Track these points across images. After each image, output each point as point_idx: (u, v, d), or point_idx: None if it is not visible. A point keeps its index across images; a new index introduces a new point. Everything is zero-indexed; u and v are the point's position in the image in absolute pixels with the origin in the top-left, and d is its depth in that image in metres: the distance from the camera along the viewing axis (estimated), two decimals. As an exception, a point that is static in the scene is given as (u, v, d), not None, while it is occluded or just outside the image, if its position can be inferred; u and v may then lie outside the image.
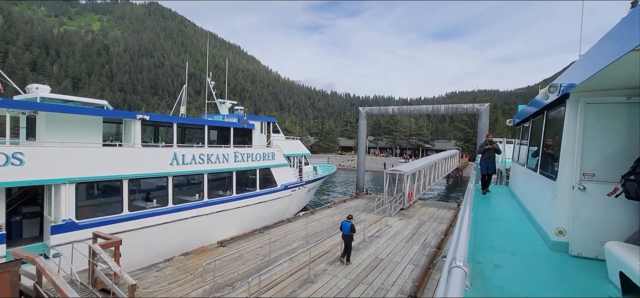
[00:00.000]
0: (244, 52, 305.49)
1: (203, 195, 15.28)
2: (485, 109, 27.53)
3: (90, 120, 12.18)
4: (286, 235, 16.10)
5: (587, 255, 4.36)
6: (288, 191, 20.57)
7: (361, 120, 32.92)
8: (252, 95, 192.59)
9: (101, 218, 11.54)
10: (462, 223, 2.78)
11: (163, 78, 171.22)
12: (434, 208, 23.52)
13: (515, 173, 9.68)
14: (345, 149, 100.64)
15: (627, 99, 4.17)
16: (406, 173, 22.46)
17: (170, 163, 13.78)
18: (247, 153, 17.70)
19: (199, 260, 12.84)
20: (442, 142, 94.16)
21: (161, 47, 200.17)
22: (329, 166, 32.16)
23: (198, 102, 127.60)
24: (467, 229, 2.57)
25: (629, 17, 2.73)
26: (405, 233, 16.53)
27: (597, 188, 4.31)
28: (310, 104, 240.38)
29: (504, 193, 9.56)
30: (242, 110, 21.28)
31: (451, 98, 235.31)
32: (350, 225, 12.06)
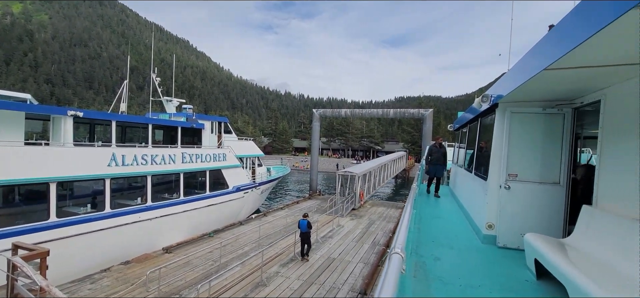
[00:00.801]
0: (193, 48, 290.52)
1: (146, 199, 14.26)
2: (429, 114, 29.54)
3: (9, 115, 10.69)
4: (237, 238, 15.70)
5: (511, 246, 4.95)
6: (240, 193, 20.05)
7: (315, 122, 33.29)
8: (201, 93, 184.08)
9: (22, 227, 10.20)
10: (403, 219, 3.06)
11: (100, 71, 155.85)
12: (383, 207, 24.61)
13: (455, 174, 10.57)
14: (298, 150, 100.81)
15: (543, 110, 4.84)
16: (357, 174, 23.22)
17: (108, 164, 12.64)
18: (196, 154, 16.90)
19: (141, 268, 11.98)
20: (391, 144, 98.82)
21: (98, 36, 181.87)
22: (282, 167, 32.00)
23: (141, 99, 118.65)
24: (407, 224, 2.89)
25: (543, 39, 3.18)
26: (356, 233, 17.07)
27: (520, 187, 4.92)
28: (263, 104, 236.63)
29: (445, 193, 10.37)
30: (191, 109, 20.25)
31: (400, 102, 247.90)
32: (306, 222, 12.54)
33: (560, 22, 2.59)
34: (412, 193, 5.16)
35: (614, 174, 3.45)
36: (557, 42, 2.61)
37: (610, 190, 3.47)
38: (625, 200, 3.16)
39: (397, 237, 2.42)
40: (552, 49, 2.71)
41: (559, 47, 2.51)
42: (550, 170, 4.83)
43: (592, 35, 1.96)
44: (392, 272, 1.72)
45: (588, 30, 2.01)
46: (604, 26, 1.83)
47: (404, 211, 3.67)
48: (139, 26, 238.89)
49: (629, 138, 3.14)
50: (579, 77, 3.39)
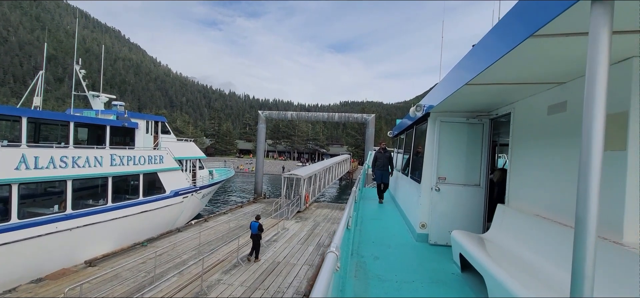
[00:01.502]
0: (126, 39, 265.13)
1: (65, 206, 12.59)
2: (372, 119, 31.02)
3: None
4: (175, 246, 14.71)
5: (441, 242, 5.44)
6: (179, 198, 18.79)
7: (260, 124, 32.74)
8: (135, 89, 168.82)
9: None
10: (341, 220, 3.21)
11: (6, 57, 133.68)
12: (328, 209, 25.11)
13: (395, 178, 11.24)
14: (243, 151, 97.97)
15: (466, 120, 5.42)
16: (303, 176, 23.38)
17: (16, 167, 10.90)
18: (127, 156, 15.42)
19: (57, 285, 10.60)
20: (335, 147, 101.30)
21: (4, 16, 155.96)
22: (226, 170, 30.81)
23: (60, 92, 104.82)
24: (344, 225, 3.06)
25: (466, 57, 3.57)
26: (301, 235, 17.15)
27: (448, 189, 5.43)
28: (206, 104, 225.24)
29: (386, 197, 10.96)
30: (122, 106, 18.42)
31: (344, 106, 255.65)
32: (258, 224, 12.77)
33: (479, 43, 2.94)
34: (353, 196, 5.40)
35: (520, 176, 4.01)
36: (476, 60, 2.95)
37: (518, 191, 4.03)
38: (528, 198, 3.70)
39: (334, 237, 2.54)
40: (472, 66, 3.05)
41: (477, 65, 2.84)
42: (473, 173, 5.42)
43: (503, 56, 2.26)
44: (326, 269, 1.80)
45: (499, 51, 2.32)
46: (512, 48, 2.12)
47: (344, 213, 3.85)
48: (58, 10, 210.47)
49: (532, 145, 3.70)
50: (494, 92, 3.88)
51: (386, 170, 9.53)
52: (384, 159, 9.54)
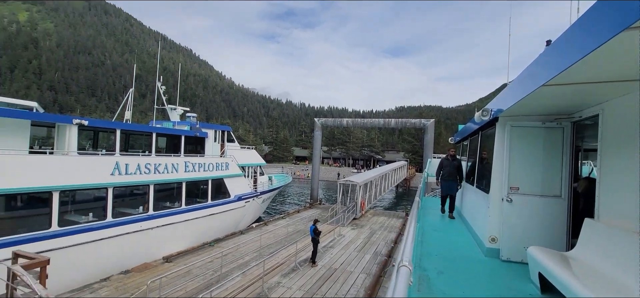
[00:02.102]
0: (196, 56, 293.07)
1: (148, 208, 14.26)
2: (431, 124, 29.64)
3: (15, 123, 10.78)
4: (238, 248, 15.65)
5: (515, 259, 4.95)
6: (242, 202, 20.02)
7: (316, 131, 33.40)
8: (203, 101, 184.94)
9: (24, 236, 10.19)
10: (409, 232, 3.09)
11: (103, 78, 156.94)
12: (384, 217, 24.53)
13: None
14: (299, 158, 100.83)
15: (542, 124, 4.89)
16: (359, 183, 23.21)
17: (111, 173, 12.69)
18: (198, 163, 16.94)
19: (141, 278, 11.95)
20: (391, 154, 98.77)
21: (102, 44, 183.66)
22: (284, 176, 31.98)
23: (142, 106, 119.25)
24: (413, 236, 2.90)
25: (542, 56, 3.24)
26: (357, 243, 17.00)
27: (521, 200, 4.94)
28: (265, 113, 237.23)
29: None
30: (195, 117, 20.36)
31: (400, 112, 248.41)
32: (314, 227, 13.13)
33: (558, 39, 2.65)
34: (415, 206, 5.18)
35: (613, 187, 3.48)
36: (555, 58, 2.67)
37: (611, 203, 3.50)
38: (625, 213, 3.19)
39: (403, 250, 2.44)
40: (550, 65, 2.77)
41: (557, 64, 2.57)
42: (552, 183, 4.85)
43: (590, 53, 2.02)
44: (400, 285, 1.74)
45: (585, 47, 2.07)
46: (602, 44, 1.88)
47: (408, 223, 3.71)
48: (142, 35, 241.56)
49: (628, 152, 3.18)
50: (577, 92, 3.45)
51: (454, 180, 8.22)
52: (452, 168, 8.24)
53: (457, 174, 8.22)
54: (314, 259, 13.47)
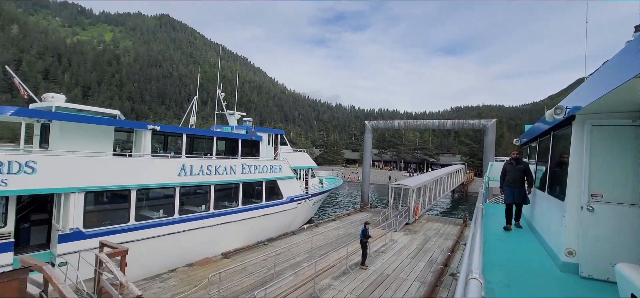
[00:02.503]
0: (251, 64, 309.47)
1: (209, 206, 15.33)
2: (492, 125, 27.49)
3: (102, 129, 12.40)
4: (290, 248, 16.04)
5: (598, 277, 4.32)
6: (294, 203, 20.56)
7: (367, 134, 33.01)
8: (257, 107, 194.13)
9: (108, 228, 11.62)
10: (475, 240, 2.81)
11: (171, 88, 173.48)
12: (439, 223, 23.30)
13: None
14: (349, 161, 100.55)
15: (633, 122, 4.20)
16: (412, 187, 22.37)
17: (178, 173, 13.91)
18: (254, 165, 17.79)
19: (203, 271, 12.82)
20: (447, 157, 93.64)
21: (170, 57, 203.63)
22: (334, 179, 32.11)
23: (204, 113, 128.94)
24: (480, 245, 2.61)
25: (633, 42, 2.79)
26: (411, 249, 16.37)
27: (606, 209, 4.30)
28: (315, 116, 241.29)
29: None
30: (250, 121, 21.49)
31: (456, 112, 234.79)
32: (363, 229, 13.30)
33: None
34: (479, 212, 4.74)
35: None
36: None
37: None
38: None
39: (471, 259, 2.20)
40: None
41: None
42: None
43: None
44: None
45: None
46: None
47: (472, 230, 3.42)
48: (204, 47, 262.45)
49: None
50: None
51: (520, 186, 7.14)
52: (517, 173, 7.20)
53: (523, 179, 7.20)
54: (364, 262, 13.39)
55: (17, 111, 10.52)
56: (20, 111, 10.58)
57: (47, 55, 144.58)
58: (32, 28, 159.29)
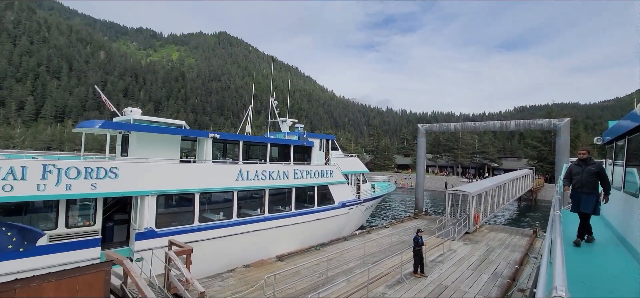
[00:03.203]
0: (301, 73, 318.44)
1: (264, 210, 15.95)
2: (565, 125, 24.58)
3: (170, 138, 13.66)
4: (342, 253, 15.94)
5: None
6: (345, 209, 20.46)
7: (420, 138, 31.71)
8: (308, 114, 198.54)
9: (176, 228, 12.68)
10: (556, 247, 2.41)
11: (229, 99, 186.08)
12: (504, 233, 21.35)
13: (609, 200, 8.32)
14: (401, 166, 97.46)
15: None
16: (471, 193, 20.87)
17: (236, 178, 14.72)
18: (306, 170, 18.13)
19: (258, 272, 13.30)
20: (510, 161, 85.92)
21: (228, 71, 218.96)
22: (387, 184, 31.35)
23: (258, 121, 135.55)
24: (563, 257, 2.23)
25: None
26: (471, 260, 15.22)
27: None
28: (365, 122, 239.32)
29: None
30: (302, 128, 22.02)
31: (521, 113, 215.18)
32: (414, 237, 12.93)
33: None
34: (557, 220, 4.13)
35: None
36: None
37: None
38: None
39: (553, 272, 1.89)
40: None
41: None
42: None
43: None
44: None
45: None
46: None
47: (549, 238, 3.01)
48: (258, 59, 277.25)
49: None
50: None
51: (589, 193, 5.87)
52: (586, 175, 5.95)
53: (594, 183, 5.93)
54: (416, 269, 12.95)
55: (103, 124, 12.06)
56: (106, 124, 12.11)
57: (126, 76, 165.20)
58: (114, 53, 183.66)
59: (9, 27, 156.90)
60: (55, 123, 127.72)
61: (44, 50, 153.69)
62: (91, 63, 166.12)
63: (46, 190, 9.57)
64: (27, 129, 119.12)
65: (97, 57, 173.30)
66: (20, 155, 12.55)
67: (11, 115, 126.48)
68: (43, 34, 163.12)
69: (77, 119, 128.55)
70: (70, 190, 9.99)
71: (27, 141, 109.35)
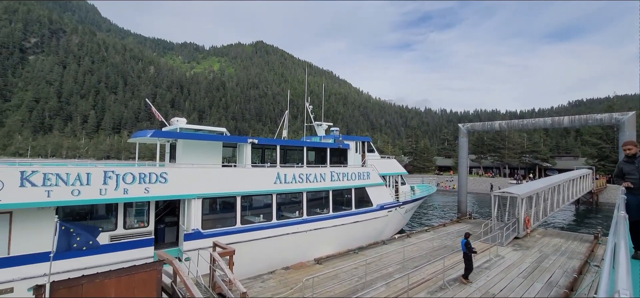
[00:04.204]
0: (336, 77, 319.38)
1: (302, 213, 16.18)
2: (630, 119, 22.13)
3: (213, 145, 14.42)
4: (381, 258, 15.66)
5: None
6: (384, 211, 20.10)
7: (461, 138, 30.28)
8: (343, 117, 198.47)
9: (219, 230, 13.29)
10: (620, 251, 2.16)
11: (266, 106, 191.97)
12: (560, 239, 19.65)
13: None
14: (442, 168, 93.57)
15: None
16: (520, 195, 19.49)
17: (274, 182, 15.12)
18: (342, 173, 18.12)
19: (298, 275, 13.49)
20: (566, 160, 78.96)
21: (265, 79, 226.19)
22: (427, 186, 30.30)
23: (294, 126, 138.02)
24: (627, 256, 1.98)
25: None
26: (522, 267, 14.19)
27: None
28: (402, 123, 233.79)
29: None
30: (337, 130, 22.06)
31: (576, 108, 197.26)
32: (464, 241, 12.37)
33: None
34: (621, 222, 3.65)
35: None
36: None
37: None
38: None
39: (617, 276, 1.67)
40: None
41: None
42: None
43: None
44: None
45: None
46: None
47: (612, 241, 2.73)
48: (293, 66, 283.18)
49: None
50: None
51: None
52: None
53: None
54: (466, 275, 12.35)
55: (154, 133, 13.03)
56: (156, 133, 13.08)
57: (173, 88, 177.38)
58: (163, 67, 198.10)
59: (75, 50, 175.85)
60: (113, 134, 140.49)
61: (103, 69, 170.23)
62: (143, 77, 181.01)
63: (107, 194, 10.54)
64: (90, 140, 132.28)
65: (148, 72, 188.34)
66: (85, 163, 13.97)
67: (77, 128, 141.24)
68: (102, 54, 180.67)
69: (132, 129, 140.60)
70: (127, 194, 10.91)
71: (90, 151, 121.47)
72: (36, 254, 9.39)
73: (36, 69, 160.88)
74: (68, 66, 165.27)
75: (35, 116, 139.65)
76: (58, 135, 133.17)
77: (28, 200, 9.24)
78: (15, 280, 9.09)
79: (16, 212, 9.37)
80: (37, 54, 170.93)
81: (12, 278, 9.06)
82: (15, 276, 9.11)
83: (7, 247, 9.24)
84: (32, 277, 9.18)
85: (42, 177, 9.46)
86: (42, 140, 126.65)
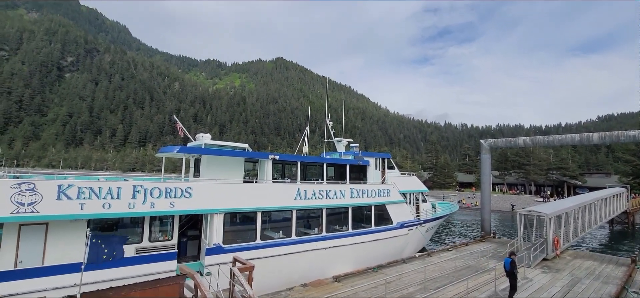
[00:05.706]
0: (354, 92, 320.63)
1: (321, 229, 16.15)
2: (668, 135, 20.89)
3: (235, 160, 14.76)
4: (401, 277, 15.31)
5: None
6: (404, 229, 19.73)
7: (483, 154, 29.48)
8: (362, 132, 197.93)
9: (239, 245, 13.45)
10: None
11: (285, 120, 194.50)
12: (593, 261, 18.57)
13: None
14: (463, 184, 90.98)
15: None
16: (548, 214, 18.68)
17: (294, 197, 15.23)
18: (362, 189, 18.02)
19: (316, 292, 13.37)
20: (597, 177, 75.06)
21: (284, 94, 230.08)
22: (449, 204, 29.56)
23: (313, 141, 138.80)
24: None
25: None
26: (552, 291, 13.49)
27: None
28: (421, 137, 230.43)
29: None
30: (357, 147, 22.05)
31: (606, 122, 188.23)
32: (510, 260, 12.12)
33: None
34: None
35: None
36: None
37: None
38: None
39: None
40: None
41: None
42: None
43: None
44: None
45: None
46: None
47: None
48: (312, 81, 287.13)
49: None
50: None
51: None
52: None
53: None
54: (512, 295, 12.14)
55: (180, 149, 13.53)
56: (182, 149, 13.57)
57: (196, 103, 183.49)
58: (187, 83, 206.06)
59: (107, 67, 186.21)
60: (139, 147, 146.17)
61: (131, 85, 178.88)
62: (168, 93, 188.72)
63: (135, 208, 10.98)
64: (117, 153, 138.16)
65: (173, 88, 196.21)
66: (116, 177, 14.61)
67: (105, 141, 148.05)
68: (131, 71, 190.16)
69: (156, 143, 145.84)
70: (154, 208, 11.31)
71: (117, 163, 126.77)
72: (67, 265, 9.85)
73: (71, 86, 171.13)
74: (100, 83, 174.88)
75: (68, 130, 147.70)
76: (88, 148, 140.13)
77: (63, 213, 9.76)
78: (48, 289, 9.54)
79: (52, 224, 9.91)
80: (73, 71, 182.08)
81: (46, 288, 9.52)
82: (48, 286, 9.56)
83: (42, 257, 9.74)
84: (63, 286, 9.62)
85: (77, 190, 10.00)
86: (74, 153, 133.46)
